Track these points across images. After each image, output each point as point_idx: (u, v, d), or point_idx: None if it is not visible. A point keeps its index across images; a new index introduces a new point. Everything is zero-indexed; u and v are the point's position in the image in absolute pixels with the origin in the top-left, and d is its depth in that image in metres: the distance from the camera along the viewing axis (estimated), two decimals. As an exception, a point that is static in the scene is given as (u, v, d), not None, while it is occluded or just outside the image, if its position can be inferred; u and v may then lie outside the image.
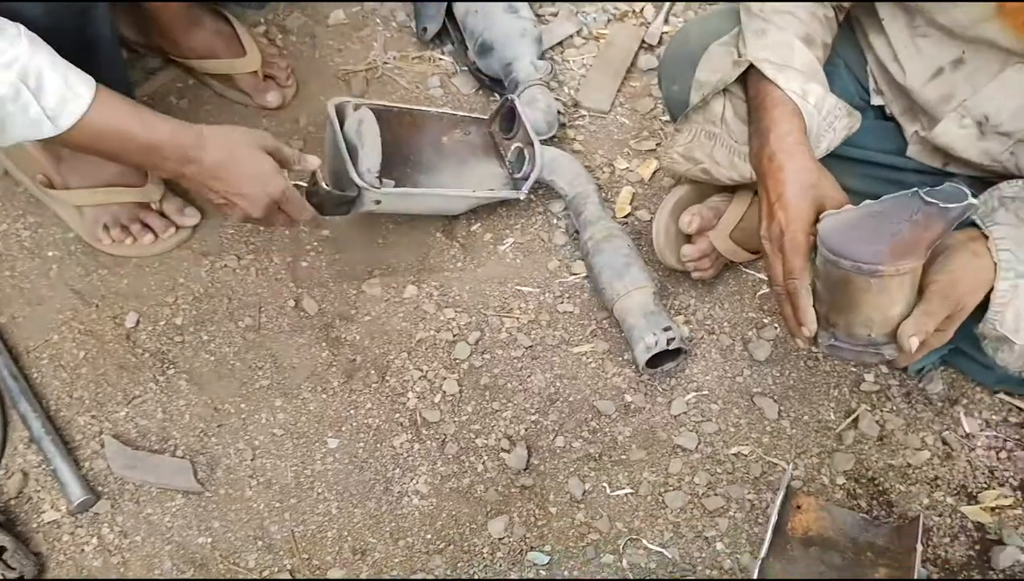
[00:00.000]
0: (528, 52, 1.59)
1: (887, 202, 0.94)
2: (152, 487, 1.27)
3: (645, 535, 1.23)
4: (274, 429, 1.32)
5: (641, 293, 1.34)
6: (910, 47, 1.11)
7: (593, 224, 1.42)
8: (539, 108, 1.53)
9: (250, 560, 1.22)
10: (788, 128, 1.08)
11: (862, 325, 0.98)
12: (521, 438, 1.31)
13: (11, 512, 1.24)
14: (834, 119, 1.12)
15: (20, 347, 1.37)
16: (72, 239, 1.47)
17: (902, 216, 0.91)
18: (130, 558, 1.22)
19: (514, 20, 1.62)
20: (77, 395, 1.34)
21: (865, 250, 0.92)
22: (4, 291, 1.42)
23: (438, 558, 1.22)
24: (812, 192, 1.04)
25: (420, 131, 1.51)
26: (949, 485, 1.26)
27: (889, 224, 0.92)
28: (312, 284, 1.45)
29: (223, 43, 1.59)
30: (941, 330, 0.99)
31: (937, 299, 0.96)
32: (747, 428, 1.31)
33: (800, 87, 1.09)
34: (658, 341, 1.28)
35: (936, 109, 1.10)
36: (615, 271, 1.36)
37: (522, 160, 1.46)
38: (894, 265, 0.92)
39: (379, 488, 1.27)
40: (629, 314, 1.33)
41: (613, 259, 1.37)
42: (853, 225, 0.96)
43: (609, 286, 1.36)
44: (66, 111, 1.02)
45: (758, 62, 1.11)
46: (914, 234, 0.91)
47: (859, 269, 0.93)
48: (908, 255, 0.92)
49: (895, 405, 1.32)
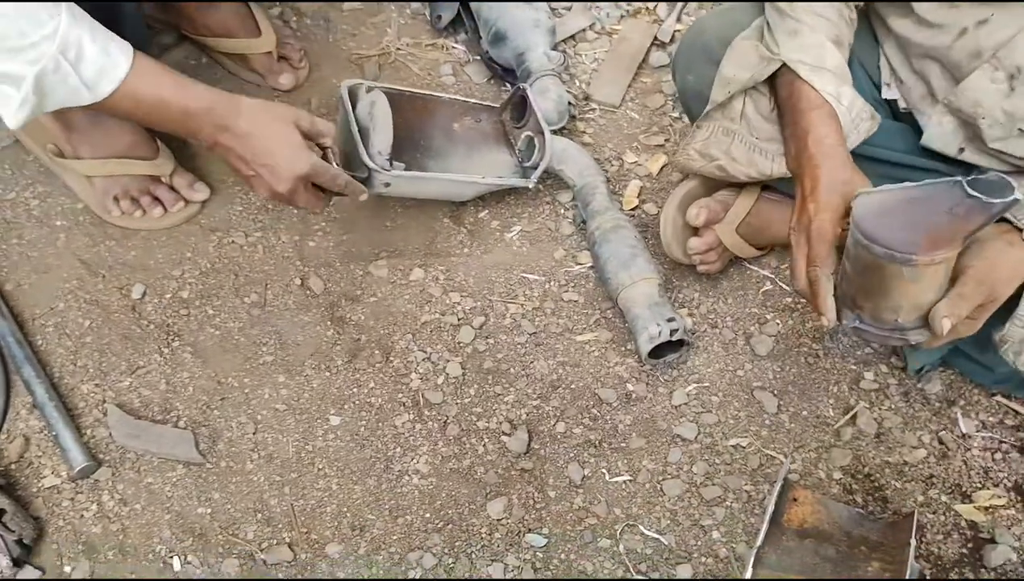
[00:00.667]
0: (541, 42, 1.60)
1: (927, 188, 0.91)
2: (153, 457, 1.27)
3: (642, 521, 1.24)
4: (277, 404, 1.32)
5: (647, 283, 1.35)
6: (937, 13, 1.12)
7: (601, 214, 1.43)
8: (550, 98, 1.54)
9: (249, 532, 1.23)
10: (826, 131, 1.10)
11: (890, 310, 0.98)
12: (522, 422, 1.32)
13: (12, 476, 1.24)
14: (860, 121, 1.14)
15: (26, 314, 1.37)
16: (81, 209, 1.47)
17: (941, 206, 0.88)
18: (129, 526, 1.22)
19: (528, 10, 1.62)
20: (81, 363, 1.34)
21: (900, 237, 0.90)
22: (11, 258, 1.42)
23: (436, 536, 1.23)
24: (844, 188, 1.05)
25: (431, 116, 1.51)
26: (944, 484, 1.27)
27: (927, 212, 0.89)
28: (319, 263, 1.45)
29: (239, 23, 1.60)
30: (972, 318, 1.00)
31: (973, 284, 0.96)
32: (746, 421, 1.33)
33: (835, 89, 1.11)
34: (661, 331, 1.29)
35: (965, 67, 1.10)
36: (621, 261, 1.37)
37: (532, 149, 1.47)
38: (929, 255, 0.90)
39: (380, 466, 1.28)
40: (634, 304, 1.34)
41: (620, 249, 1.38)
42: (889, 209, 0.93)
43: (615, 275, 1.37)
44: (105, 80, 1.04)
45: (792, 63, 1.12)
46: (952, 226, 0.88)
47: (892, 257, 0.91)
48: (944, 245, 0.90)
49: (893, 403, 1.33)
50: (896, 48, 1.21)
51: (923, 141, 1.20)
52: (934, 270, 0.92)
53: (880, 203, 0.94)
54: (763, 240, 1.40)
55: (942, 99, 1.15)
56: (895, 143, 1.22)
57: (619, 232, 1.40)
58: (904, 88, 1.22)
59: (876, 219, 0.93)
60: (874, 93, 1.25)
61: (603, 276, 1.40)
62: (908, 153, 1.22)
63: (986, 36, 1.08)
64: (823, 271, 1.04)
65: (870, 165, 1.23)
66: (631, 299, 1.35)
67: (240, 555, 1.21)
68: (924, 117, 1.20)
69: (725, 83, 1.20)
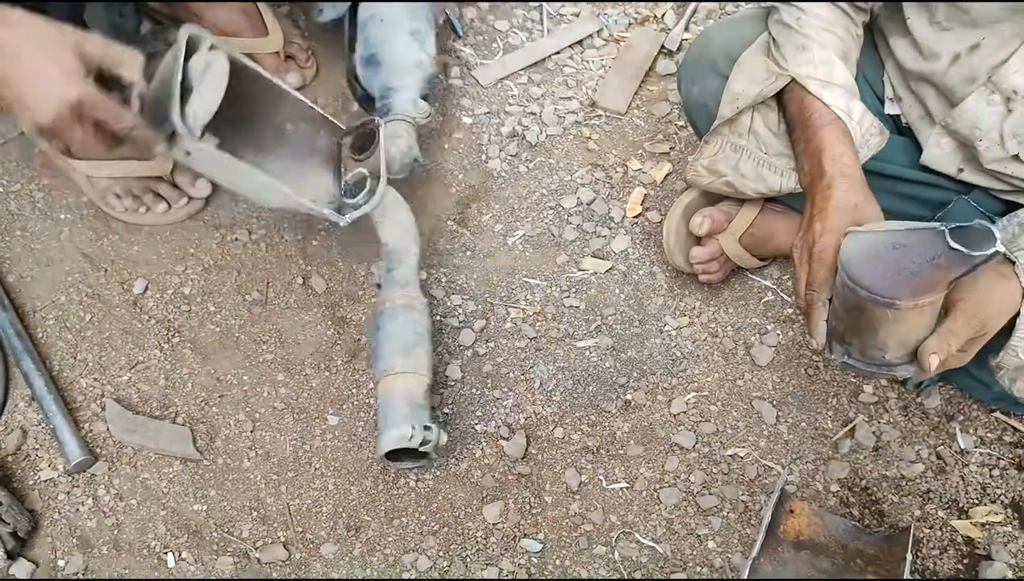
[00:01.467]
0: (414, 86, 1.45)
1: (912, 235, 0.90)
2: (150, 452, 1.27)
3: (638, 529, 1.24)
4: (275, 403, 1.32)
5: (416, 379, 1.23)
6: (930, 39, 1.13)
7: (399, 286, 1.30)
8: (400, 146, 1.38)
9: (244, 530, 1.22)
10: (841, 150, 1.10)
11: (877, 348, 0.99)
12: (520, 427, 1.32)
13: (8, 468, 1.24)
14: (870, 136, 1.14)
15: (27, 306, 1.38)
16: (85, 203, 1.48)
17: (924, 255, 0.87)
18: (124, 520, 1.22)
19: (414, 49, 1.47)
20: (81, 357, 1.34)
21: (884, 283, 0.91)
22: (14, 250, 1.43)
23: (431, 539, 1.22)
24: (854, 212, 1.05)
25: (268, 106, 1.32)
26: (941, 499, 1.27)
27: (911, 261, 0.89)
28: (321, 263, 1.45)
29: (247, 22, 1.60)
30: (962, 351, 0.99)
31: (963, 319, 0.96)
32: (745, 431, 1.32)
33: (845, 104, 1.11)
34: (414, 436, 1.17)
35: (960, 92, 1.11)
36: (402, 345, 1.24)
37: (360, 188, 1.33)
38: (912, 301, 0.91)
39: (376, 467, 1.28)
40: (394, 395, 1.21)
41: (404, 332, 1.25)
42: (875, 253, 0.93)
43: (388, 357, 1.24)
44: None
45: (801, 78, 1.12)
46: (935, 275, 0.89)
47: (875, 301, 0.92)
48: (928, 292, 0.91)
49: (892, 417, 1.33)
50: (895, 67, 1.22)
51: (922, 160, 1.20)
52: (919, 312, 0.93)
53: (867, 246, 0.94)
54: (766, 251, 1.40)
55: (939, 121, 1.16)
56: (898, 158, 1.22)
57: (411, 314, 1.27)
58: (903, 105, 1.23)
59: (862, 263, 0.93)
60: (878, 107, 1.25)
61: (376, 352, 1.26)
62: (910, 168, 1.22)
63: (979, 61, 1.08)
64: (819, 295, 1.03)
65: (873, 179, 1.23)
66: (393, 390, 1.22)
67: (235, 553, 1.21)
68: (923, 137, 1.20)
69: (733, 99, 1.20)
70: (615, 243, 1.50)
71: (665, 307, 1.44)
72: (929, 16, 1.12)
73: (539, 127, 1.63)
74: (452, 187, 1.56)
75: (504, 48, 1.74)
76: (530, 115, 1.65)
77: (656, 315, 1.43)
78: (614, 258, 1.49)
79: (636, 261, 1.48)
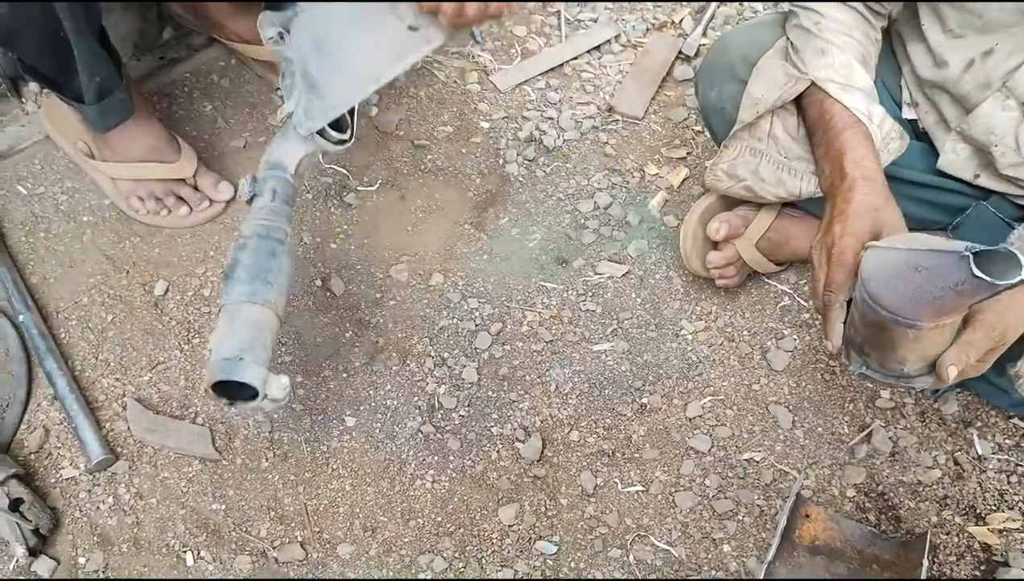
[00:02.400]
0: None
1: (934, 258, 0.88)
2: (170, 452, 1.29)
3: (653, 532, 1.24)
4: (294, 404, 1.33)
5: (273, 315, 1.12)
6: (944, 45, 1.13)
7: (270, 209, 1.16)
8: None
9: (262, 529, 1.24)
10: (863, 152, 1.10)
11: (896, 362, 0.99)
12: (536, 429, 1.32)
13: (31, 466, 1.26)
14: (890, 140, 1.14)
15: (50, 307, 1.39)
16: (108, 206, 1.50)
17: (948, 281, 0.86)
18: (144, 519, 1.24)
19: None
20: (102, 357, 1.36)
21: (905, 304, 0.90)
22: (38, 252, 1.45)
23: (447, 540, 1.23)
24: (874, 215, 1.05)
25: None
26: (958, 505, 1.26)
27: (933, 285, 0.88)
28: (340, 266, 1.47)
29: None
30: (981, 361, 0.99)
31: (983, 330, 0.96)
32: (760, 435, 1.32)
33: (866, 107, 1.11)
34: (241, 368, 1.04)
35: (974, 98, 1.11)
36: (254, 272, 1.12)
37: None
38: (933, 322, 0.91)
39: (393, 468, 1.29)
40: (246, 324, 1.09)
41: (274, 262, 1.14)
42: (896, 273, 0.92)
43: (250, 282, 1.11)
44: None
45: (821, 82, 1.13)
46: (957, 299, 0.88)
47: (896, 321, 0.92)
48: (949, 314, 0.91)
49: (909, 423, 1.33)
50: (911, 73, 1.22)
51: (939, 166, 1.20)
52: (939, 331, 0.93)
53: (889, 265, 0.93)
54: (782, 256, 1.40)
55: (954, 127, 1.16)
56: (915, 162, 1.22)
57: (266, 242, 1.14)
58: (920, 111, 1.23)
59: (883, 282, 0.92)
60: (896, 112, 1.25)
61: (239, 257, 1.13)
62: (928, 172, 1.22)
63: (993, 66, 1.08)
64: (837, 297, 1.03)
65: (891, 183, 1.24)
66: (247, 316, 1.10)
67: (252, 552, 1.22)
68: (939, 142, 1.20)
69: (753, 103, 1.20)
70: (632, 247, 1.50)
71: (681, 311, 1.44)
72: (942, 24, 1.12)
73: (556, 132, 1.64)
74: (469, 191, 1.57)
75: (522, 53, 1.75)
76: (548, 120, 1.66)
77: (672, 319, 1.43)
78: (631, 262, 1.49)
79: (653, 265, 1.49)
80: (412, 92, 1.68)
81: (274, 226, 1.16)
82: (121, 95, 1.34)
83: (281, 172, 1.21)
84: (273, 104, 1.64)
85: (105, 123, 1.35)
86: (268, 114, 1.62)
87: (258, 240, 1.14)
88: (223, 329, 1.09)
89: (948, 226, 1.26)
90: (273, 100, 1.64)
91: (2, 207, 1.48)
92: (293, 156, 1.22)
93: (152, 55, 1.67)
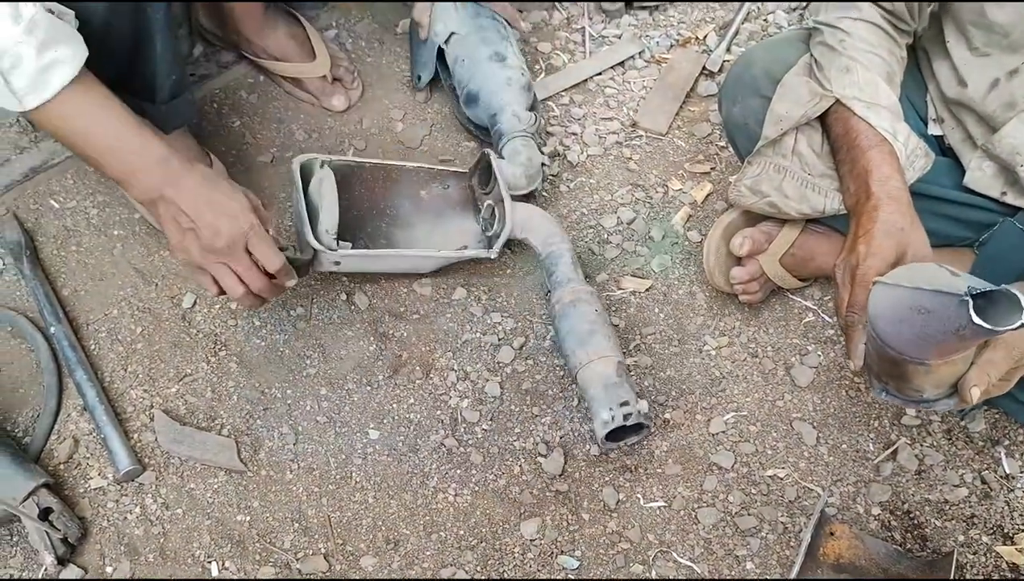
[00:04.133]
0: (513, 102, 1.51)
1: (936, 300, 0.86)
2: (196, 463, 1.30)
3: (676, 548, 1.24)
4: (318, 416, 1.35)
5: (603, 363, 1.27)
6: (970, 63, 1.12)
7: (562, 286, 1.36)
8: (519, 162, 1.46)
9: (286, 540, 1.25)
10: (888, 172, 1.10)
11: (913, 390, 0.98)
12: (558, 444, 1.33)
13: (60, 476, 1.28)
14: (915, 158, 1.14)
15: (81, 319, 1.42)
16: (138, 220, 1.52)
17: (949, 325, 0.85)
18: (170, 529, 1.25)
19: (499, 69, 1.54)
20: (131, 369, 1.38)
21: (911, 347, 0.90)
22: (69, 265, 1.47)
23: (469, 554, 1.23)
24: (899, 236, 1.05)
25: (397, 185, 1.48)
26: (985, 524, 1.25)
27: (935, 329, 0.87)
28: (364, 279, 1.48)
29: (295, 46, 1.65)
30: (1004, 380, 0.98)
31: (1003, 349, 0.95)
32: (784, 452, 1.32)
33: (891, 126, 1.11)
34: (614, 416, 1.22)
35: (1000, 117, 1.11)
36: (579, 338, 1.30)
37: (495, 217, 1.42)
38: (942, 359, 0.91)
39: (416, 481, 1.30)
40: (590, 384, 1.27)
41: (578, 325, 1.31)
42: (901, 317, 0.90)
43: (572, 354, 1.29)
44: (33, 94, 1.04)
45: (846, 99, 1.13)
46: (961, 343, 0.88)
47: (905, 360, 0.92)
48: (956, 353, 0.91)
49: (935, 440, 1.32)
50: (936, 89, 1.22)
51: (965, 182, 1.20)
52: (950, 365, 0.93)
53: (894, 304, 0.91)
54: (806, 272, 1.40)
55: (980, 145, 1.15)
56: (941, 178, 1.22)
57: (578, 307, 1.32)
58: (946, 127, 1.22)
59: (890, 323, 0.91)
60: (921, 128, 1.25)
61: (563, 352, 1.33)
62: (954, 189, 1.22)
63: (1019, 86, 1.08)
64: (861, 318, 1.03)
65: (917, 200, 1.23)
66: (588, 380, 1.27)
67: (276, 564, 1.23)
68: (965, 159, 1.20)
69: (777, 120, 1.21)
70: (655, 262, 1.50)
71: (705, 327, 1.44)
72: (967, 42, 1.12)
73: (580, 147, 1.65)
74: (493, 206, 1.57)
75: (546, 69, 1.77)
76: (571, 135, 1.66)
77: (696, 335, 1.43)
78: (654, 277, 1.49)
79: (676, 280, 1.49)
80: (436, 108, 1.69)
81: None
82: (190, 96, 1.37)
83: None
84: (300, 120, 1.66)
85: (172, 122, 1.37)
86: (295, 130, 1.65)
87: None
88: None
89: (974, 242, 1.26)
90: (300, 116, 1.66)
91: (35, 221, 1.51)
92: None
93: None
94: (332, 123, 1.66)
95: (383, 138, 1.65)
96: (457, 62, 1.58)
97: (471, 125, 1.62)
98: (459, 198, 1.51)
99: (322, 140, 1.64)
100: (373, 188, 1.46)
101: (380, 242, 1.45)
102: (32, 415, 1.33)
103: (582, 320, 1.31)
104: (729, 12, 1.85)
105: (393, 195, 1.49)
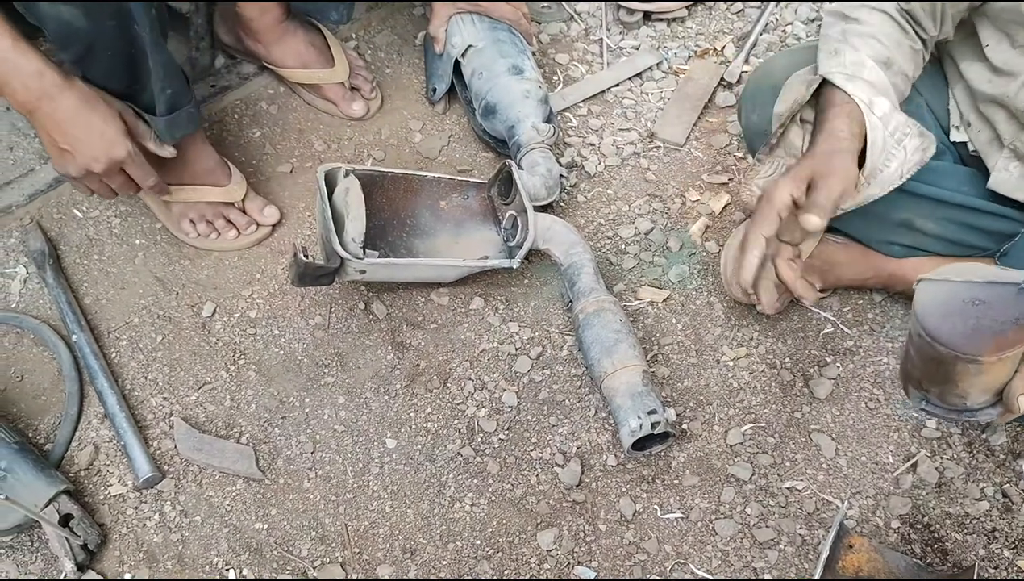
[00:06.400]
0: (531, 113, 1.53)
1: (992, 290, 0.87)
2: (215, 471, 1.31)
3: (693, 560, 1.23)
4: (336, 425, 1.35)
5: (629, 371, 1.28)
6: (1011, 61, 1.11)
7: (585, 296, 1.36)
8: (539, 173, 1.47)
9: (303, 549, 1.25)
10: (840, 125, 1.11)
11: (958, 396, 0.97)
12: (575, 454, 1.32)
13: (80, 482, 1.29)
14: (903, 136, 1.12)
15: (102, 327, 1.43)
16: (159, 229, 1.53)
17: (1008, 314, 0.85)
18: (188, 537, 1.26)
19: (517, 81, 1.55)
20: (151, 377, 1.39)
21: (965, 342, 0.89)
22: (92, 274, 1.49)
23: (486, 564, 1.23)
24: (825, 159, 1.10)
25: (417, 195, 1.49)
26: (1007, 538, 1.23)
27: (992, 319, 0.86)
28: (382, 289, 1.49)
29: (315, 54, 1.66)
30: None
31: None
32: (803, 463, 1.31)
33: (868, 97, 1.11)
34: (642, 425, 1.23)
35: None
36: (604, 347, 1.30)
37: (517, 227, 1.43)
38: (996, 355, 0.89)
39: (432, 491, 1.30)
40: (616, 394, 1.27)
41: (603, 334, 1.31)
42: (953, 309, 0.90)
43: (597, 363, 1.30)
44: None
45: (829, 75, 1.13)
46: (1019, 332, 0.87)
47: (957, 357, 0.90)
48: (1013, 346, 0.89)
49: (956, 453, 1.31)
50: (964, 91, 1.21)
51: (990, 185, 1.19)
52: (1002, 363, 0.91)
53: (944, 299, 0.91)
54: (825, 282, 1.39)
55: (1008, 144, 1.14)
56: (962, 187, 1.21)
57: (603, 316, 1.33)
58: (971, 131, 1.21)
59: (940, 318, 0.90)
60: (943, 137, 1.24)
61: (587, 362, 1.33)
62: (976, 196, 1.21)
63: None
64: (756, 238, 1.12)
65: (938, 207, 1.23)
66: (613, 389, 1.28)
67: (294, 572, 1.23)
68: (991, 161, 1.19)
69: (777, 117, 1.21)
70: (672, 273, 1.50)
71: (722, 337, 1.44)
72: (1011, 40, 1.11)
73: (598, 158, 1.65)
74: (511, 216, 1.58)
75: (564, 81, 1.77)
76: (589, 146, 1.67)
77: (713, 345, 1.43)
78: (671, 288, 1.49)
79: (694, 291, 1.49)
80: (455, 119, 1.70)
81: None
82: (191, 109, 1.38)
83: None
84: (319, 131, 1.67)
85: (173, 134, 1.38)
86: (314, 140, 1.66)
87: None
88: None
89: (996, 253, 1.25)
90: (319, 126, 1.67)
91: (59, 230, 1.53)
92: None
93: (204, 83, 1.71)
94: (351, 133, 1.68)
95: (401, 149, 1.66)
96: (474, 75, 1.59)
97: (487, 137, 1.63)
98: (479, 208, 1.52)
99: (341, 150, 1.65)
100: (394, 198, 1.47)
101: (401, 252, 1.46)
102: (53, 422, 1.34)
103: (607, 329, 1.31)
104: (747, 23, 1.85)
105: (414, 205, 1.49)
